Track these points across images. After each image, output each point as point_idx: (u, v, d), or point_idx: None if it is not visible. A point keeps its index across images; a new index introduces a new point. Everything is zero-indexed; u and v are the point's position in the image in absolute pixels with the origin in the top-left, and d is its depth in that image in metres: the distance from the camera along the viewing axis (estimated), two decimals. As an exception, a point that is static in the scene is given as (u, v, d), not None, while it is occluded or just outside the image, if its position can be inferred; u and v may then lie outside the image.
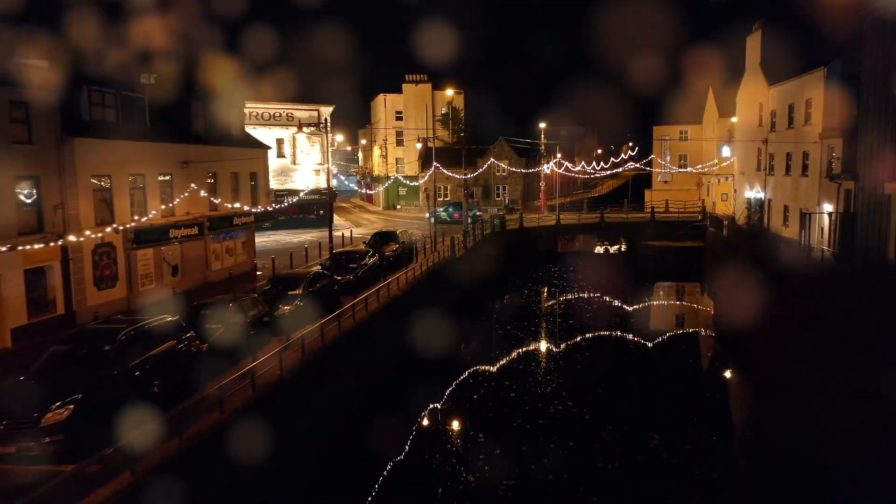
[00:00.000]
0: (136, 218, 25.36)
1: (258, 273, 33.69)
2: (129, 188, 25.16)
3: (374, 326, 24.15)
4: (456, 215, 62.17)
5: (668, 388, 25.89)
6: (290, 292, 22.06)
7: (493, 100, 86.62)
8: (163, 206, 27.06)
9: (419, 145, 47.72)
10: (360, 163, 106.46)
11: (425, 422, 22.55)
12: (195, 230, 28.85)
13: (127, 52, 27.24)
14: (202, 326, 17.19)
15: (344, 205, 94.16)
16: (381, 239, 35.19)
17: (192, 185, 28.77)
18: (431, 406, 23.73)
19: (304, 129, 33.06)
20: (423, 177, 77.16)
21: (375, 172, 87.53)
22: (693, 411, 23.68)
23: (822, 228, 34.97)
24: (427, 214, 69.55)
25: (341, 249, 32.53)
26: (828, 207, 34.24)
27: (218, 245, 31.69)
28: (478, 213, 59.92)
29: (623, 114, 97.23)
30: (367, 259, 29.55)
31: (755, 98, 47.29)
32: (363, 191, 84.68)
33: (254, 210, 34.12)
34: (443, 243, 40.08)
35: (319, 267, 27.22)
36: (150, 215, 26.04)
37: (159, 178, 27.09)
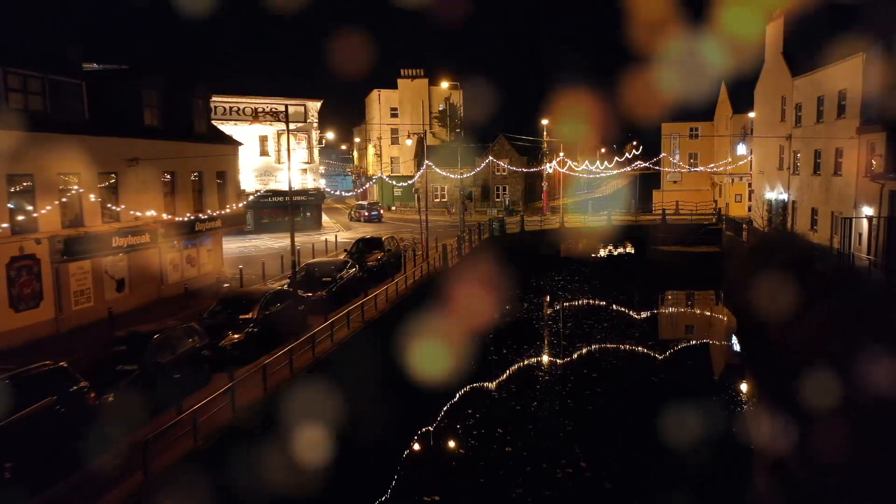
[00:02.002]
0: (68, 225, 21.56)
1: (226, 285, 29.84)
2: (59, 190, 21.31)
3: (343, 359, 19.83)
4: (357, 214, 63.91)
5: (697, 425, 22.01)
6: (241, 316, 18.21)
7: (494, 97, 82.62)
8: (105, 211, 23.24)
9: (409, 141, 43.89)
10: (356, 162, 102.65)
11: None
12: (146, 238, 25.03)
13: (62, 29, 23.40)
14: (111, 369, 13.40)
15: (338, 206, 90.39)
16: (365, 246, 31.29)
17: (143, 187, 25.00)
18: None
19: (291, 124, 29.51)
20: (421, 176, 73.31)
21: (370, 172, 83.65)
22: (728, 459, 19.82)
23: (861, 234, 31.13)
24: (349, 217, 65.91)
25: (315, 260, 28.53)
26: (867, 211, 30.39)
27: (176, 254, 27.88)
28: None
29: (626, 111, 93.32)
30: (346, 271, 25.68)
31: (776, 91, 43.43)
32: (353, 192, 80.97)
33: (221, 213, 30.30)
34: (436, 250, 36.25)
35: (285, 283, 23.42)
36: (87, 222, 22.23)
37: (100, 179, 23.27)
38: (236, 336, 17.36)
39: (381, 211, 66.40)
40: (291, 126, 54.31)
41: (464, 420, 22.12)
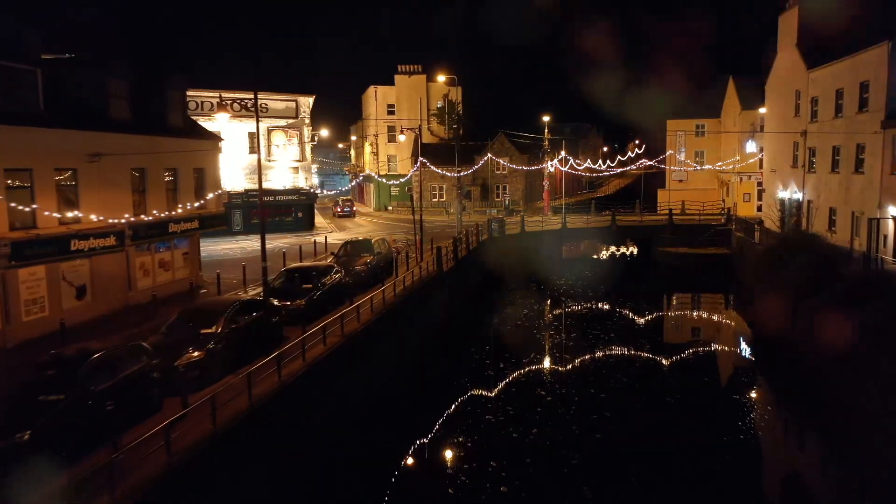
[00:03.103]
0: (17, 227, 19.42)
1: (202, 291, 27.73)
2: (6, 187, 19.17)
3: (315, 381, 17.30)
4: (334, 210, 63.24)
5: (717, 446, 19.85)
6: (202, 331, 16.04)
7: (493, 95, 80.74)
8: (62, 211, 21.09)
9: (403, 137, 41.70)
10: (353, 161, 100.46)
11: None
12: (112, 240, 22.86)
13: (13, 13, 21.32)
14: (32, 400, 11.24)
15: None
16: (353, 249, 29.06)
17: (109, 184, 22.86)
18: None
19: (279, 120, 27.57)
20: (418, 175, 71.15)
21: (367, 170, 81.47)
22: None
23: (886, 236, 28.98)
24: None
25: (296, 265, 26.26)
26: (894, 211, 28.26)
27: (147, 258, 25.74)
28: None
29: (630, 108, 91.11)
30: (330, 277, 23.48)
31: (790, 84, 41.26)
32: (336, 189, 79.01)
33: (199, 213, 28.17)
34: (431, 252, 34.08)
35: (260, 290, 21.22)
36: (41, 223, 20.09)
37: (56, 175, 21.13)
38: (196, 354, 15.19)
39: (354, 208, 73.58)
40: (281, 122, 52.38)
41: (454, 451, 19.91)
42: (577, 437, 20.32)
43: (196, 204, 28.05)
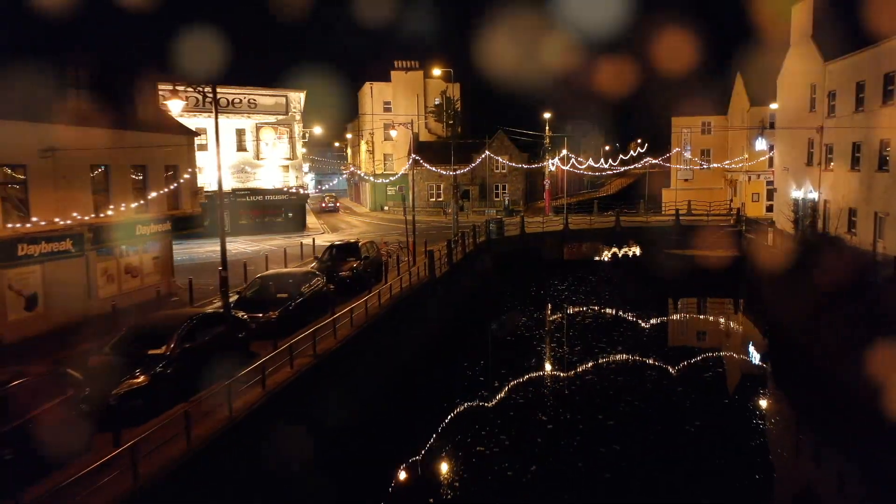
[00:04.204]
0: (-48, 230, 17.29)
1: (174, 299, 25.55)
2: (-62, 186, 17.06)
3: (275, 414, 14.47)
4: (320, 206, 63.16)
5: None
6: (150, 351, 13.88)
7: (493, 93, 78.35)
8: (7, 212, 18.95)
9: (394, 133, 39.55)
10: (350, 160, 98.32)
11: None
12: (68, 244, 20.75)
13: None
14: None
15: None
16: (338, 253, 26.80)
17: (65, 182, 20.71)
18: None
19: (268, 116, 25.49)
20: (411, 174, 68.98)
21: (362, 170, 79.27)
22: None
23: (915, 239, 26.85)
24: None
25: (271, 272, 23.89)
26: (924, 212, 26.14)
27: (111, 263, 23.59)
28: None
29: (633, 105, 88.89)
30: (308, 284, 21.29)
31: (805, 78, 39.06)
32: (320, 187, 77.39)
33: (172, 214, 26.03)
34: (425, 256, 31.80)
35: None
36: (-19, 225, 17.97)
37: (1, 173, 18.98)
38: (139, 380, 13.03)
39: (338, 203, 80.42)
40: (271, 119, 50.13)
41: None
42: (580, 473, 18.08)
43: (168, 204, 25.91)
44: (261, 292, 20.26)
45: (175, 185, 26.55)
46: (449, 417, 21.73)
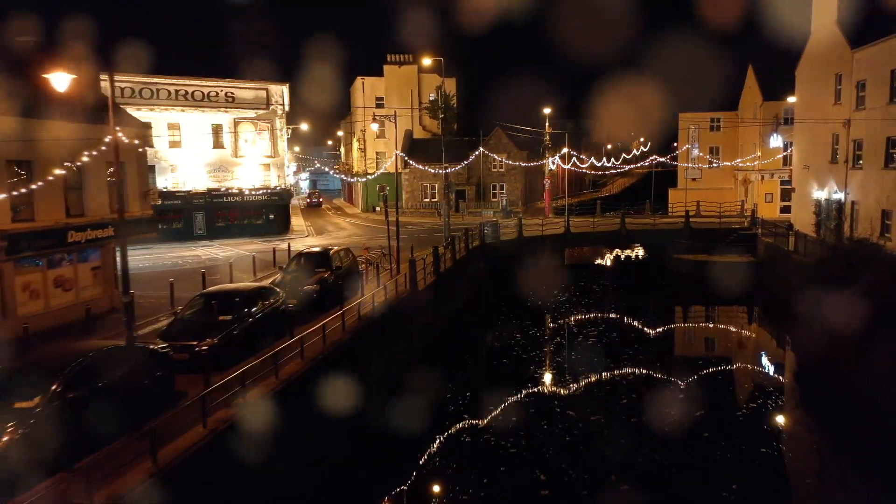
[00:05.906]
0: None
1: (115, 315, 22.12)
2: None
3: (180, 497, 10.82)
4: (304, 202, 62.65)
5: None
6: (16, 404, 10.52)
7: (492, 91, 75.22)
8: None
9: (375, 126, 36.17)
10: (342, 158, 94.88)
11: None
12: (-25, 255, 17.40)
13: None
14: None
15: (324, 206, 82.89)
16: (306, 263, 23.23)
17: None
18: None
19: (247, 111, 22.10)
20: (407, 173, 65.66)
21: (355, 169, 75.90)
22: None
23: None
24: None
25: (215, 288, 20.12)
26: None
27: (37, 275, 20.24)
28: None
29: (637, 104, 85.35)
30: (261, 303, 17.87)
31: (829, 68, 35.67)
32: (300, 186, 74.77)
33: (115, 218, 22.58)
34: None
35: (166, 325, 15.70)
36: None
37: None
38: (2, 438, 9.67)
39: (321, 199, 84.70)
40: (250, 113, 46.76)
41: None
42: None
43: (110, 207, 22.53)
44: (200, 314, 16.79)
45: (122, 184, 23.11)
46: (420, 474, 18.14)
